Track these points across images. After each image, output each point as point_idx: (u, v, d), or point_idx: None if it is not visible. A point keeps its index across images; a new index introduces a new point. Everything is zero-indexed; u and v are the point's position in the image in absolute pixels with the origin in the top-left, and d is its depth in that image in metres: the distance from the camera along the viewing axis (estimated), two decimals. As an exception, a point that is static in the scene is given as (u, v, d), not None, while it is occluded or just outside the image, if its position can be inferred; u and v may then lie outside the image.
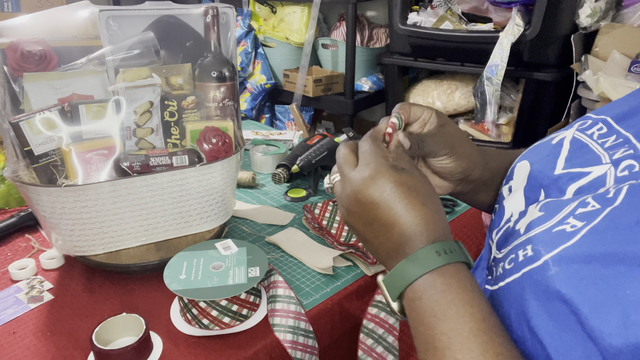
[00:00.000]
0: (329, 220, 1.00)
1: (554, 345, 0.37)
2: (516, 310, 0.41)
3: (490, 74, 1.60)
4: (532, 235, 0.44)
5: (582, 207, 0.42)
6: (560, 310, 0.37)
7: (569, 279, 0.37)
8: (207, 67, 0.88)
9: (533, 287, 0.40)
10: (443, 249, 0.42)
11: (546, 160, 0.52)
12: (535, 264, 0.40)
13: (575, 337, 0.36)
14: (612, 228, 0.38)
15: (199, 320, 0.71)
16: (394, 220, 0.44)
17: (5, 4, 2.26)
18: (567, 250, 0.39)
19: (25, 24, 0.83)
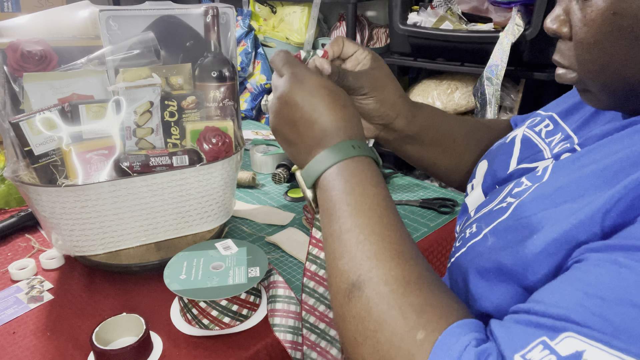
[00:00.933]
0: (329, 220, 1.00)
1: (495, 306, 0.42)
2: (462, 281, 0.46)
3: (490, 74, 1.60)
4: (478, 216, 0.51)
5: (517, 187, 0.48)
6: (491, 272, 0.43)
7: (502, 245, 0.43)
8: (207, 67, 0.88)
9: (476, 258, 0.45)
10: (358, 145, 0.47)
11: (500, 160, 0.58)
12: (477, 237, 0.47)
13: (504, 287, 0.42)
14: (536, 198, 0.44)
15: (199, 320, 0.71)
16: (316, 117, 0.47)
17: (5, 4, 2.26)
18: (501, 223, 0.45)
19: (25, 24, 0.83)
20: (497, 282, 0.42)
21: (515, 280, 0.41)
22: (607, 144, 0.43)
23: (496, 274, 0.42)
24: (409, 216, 1.05)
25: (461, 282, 0.46)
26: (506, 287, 0.42)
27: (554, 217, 0.40)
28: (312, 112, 0.48)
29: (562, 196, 0.41)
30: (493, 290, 0.43)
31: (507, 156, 0.57)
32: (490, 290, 0.43)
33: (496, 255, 0.43)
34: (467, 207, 0.59)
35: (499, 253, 0.42)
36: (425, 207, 1.08)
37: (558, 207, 0.41)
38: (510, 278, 0.41)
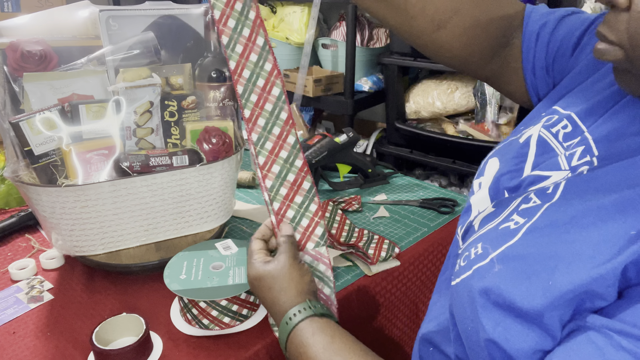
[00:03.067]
0: (328, 220, 1.00)
1: (501, 337, 0.41)
2: (468, 305, 0.44)
3: (490, 74, 1.60)
4: (482, 233, 0.48)
5: (525, 203, 0.45)
6: (500, 301, 0.41)
7: (508, 276, 0.41)
8: (207, 67, 0.88)
9: (481, 283, 0.43)
10: (296, 312, 0.56)
11: (513, 162, 0.53)
12: (484, 261, 0.44)
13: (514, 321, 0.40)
14: (549, 225, 0.41)
15: (199, 320, 0.71)
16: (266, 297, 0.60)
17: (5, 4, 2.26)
18: (510, 249, 0.43)
19: (25, 24, 0.83)
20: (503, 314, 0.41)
21: (522, 317, 0.40)
22: (630, 166, 0.40)
23: (504, 307, 0.41)
24: (409, 216, 1.05)
25: (468, 306, 0.45)
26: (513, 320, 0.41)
27: (569, 257, 0.38)
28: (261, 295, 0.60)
29: (578, 229, 0.39)
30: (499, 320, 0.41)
31: (521, 160, 0.53)
32: (496, 320, 0.42)
33: (505, 287, 0.41)
34: (470, 206, 0.57)
35: (508, 285, 0.41)
36: (425, 207, 1.08)
37: (573, 245, 0.38)
38: (517, 314, 0.40)
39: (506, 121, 1.82)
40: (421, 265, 0.93)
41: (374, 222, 1.03)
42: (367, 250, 0.88)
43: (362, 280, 0.85)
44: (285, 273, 0.59)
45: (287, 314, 0.56)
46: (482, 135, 1.84)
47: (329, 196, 1.15)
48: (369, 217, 1.05)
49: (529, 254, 0.41)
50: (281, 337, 0.56)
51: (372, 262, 0.86)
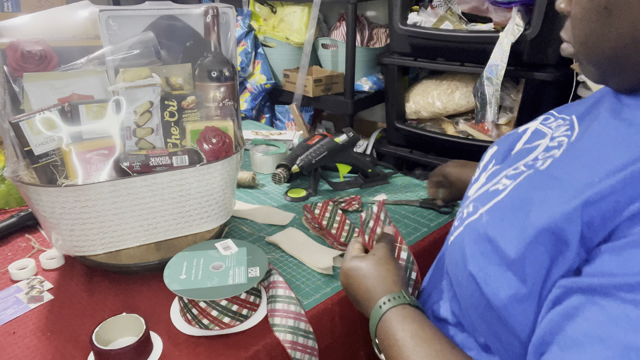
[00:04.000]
0: (329, 220, 1.00)
1: (483, 278, 0.47)
2: (460, 257, 0.51)
3: (490, 74, 1.60)
4: (475, 197, 0.56)
5: (513, 170, 0.53)
6: (486, 249, 0.47)
7: (496, 221, 0.48)
8: (207, 67, 0.88)
9: (471, 235, 0.50)
10: (385, 301, 0.57)
11: (508, 143, 0.62)
12: (474, 216, 0.51)
13: (496, 267, 0.46)
14: (531, 183, 0.48)
15: (199, 320, 0.71)
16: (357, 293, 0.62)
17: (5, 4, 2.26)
18: (497, 204, 0.50)
19: (25, 24, 0.83)
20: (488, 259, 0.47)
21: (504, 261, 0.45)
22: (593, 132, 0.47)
23: (490, 251, 0.47)
24: (410, 216, 1.05)
25: (460, 259, 0.51)
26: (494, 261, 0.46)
27: (541, 200, 0.44)
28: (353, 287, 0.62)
29: (552, 182, 0.46)
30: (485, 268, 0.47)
31: (515, 141, 0.62)
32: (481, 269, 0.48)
33: (492, 233, 0.47)
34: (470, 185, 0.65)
35: (494, 232, 0.47)
36: (425, 207, 1.08)
37: (546, 191, 0.45)
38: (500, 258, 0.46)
39: (506, 121, 1.82)
40: (421, 265, 0.93)
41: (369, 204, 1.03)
42: (367, 250, 0.88)
43: (362, 280, 0.85)
44: (383, 263, 0.62)
45: (380, 300, 0.57)
46: (482, 135, 1.84)
47: (329, 196, 1.15)
48: (369, 217, 1.05)
49: (511, 204, 0.48)
50: (372, 323, 0.57)
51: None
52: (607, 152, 0.43)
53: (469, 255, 0.49)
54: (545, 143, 0.55)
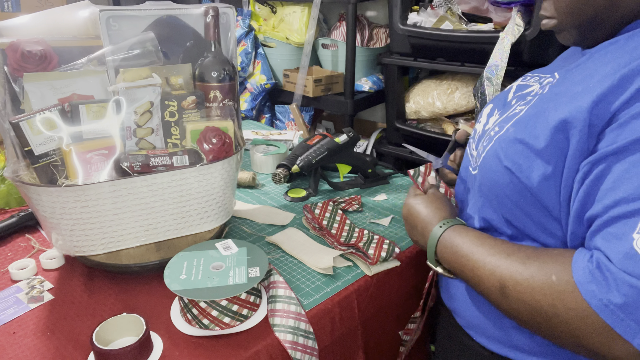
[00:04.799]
0: (329, 220, 1.00)
1: (517, 168, 0.60)
2: (495, 161, 0.64)
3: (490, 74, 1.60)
4: (497, 122, 0.69)
5: (522, 100, 0.68)
6: (518, 148, 0.60)
7: (521, 129, 0.62)
8: (207, 67, 0.88)
9: (502, 143, 0.63)
10: (443, 223, 0.70)
11: (501, 97, 0.77)
12: (501, 132, 0.65)
13: (528, 159, 0.59)
14: (542, 100, 0.62)
15: (199, 320, 0.71)
16: (416, 221, 0.75)
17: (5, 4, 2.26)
18: (519, 119, 0.63)
19: (25, 24, 0.83)
20: (519, 154, 0.60)
21: (532, 151, 0.59)
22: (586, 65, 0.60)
23: (518, 146, 0.61)
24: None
25: (495, 162, 0.64)
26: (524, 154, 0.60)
27: (555, 106, 0.58)
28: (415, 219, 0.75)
29: (560, 97, 0.59)
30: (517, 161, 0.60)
31: (506, 94, 0.76)
32: (515, 162, 0.61)
33: (517, 134, 0.61)
34: (475, 130, 0.78)
35: (518, 133, 0.61)
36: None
37: (558, 100, 0.59)
38: (527, 147, 0.59)
39: (506, 121, 1.82)
40: (421, 265, 0.93)
41: (373, 222, 1.03)
42: (367, 250, 0.88)
43: (362, 280, 0.85)
44: (440, 197, 0.77)
45: (442, 220, 0.70)
46: (482, 135, 1.84)
47: (329, 196, 1.15)
48: (369, 217, 1.05)
49: (531, 115, 0.61)
50: (431, 243, 0.70)
51: (372, 262, 0.86)
52: (596, 67, 0.57)
53: (503, 156, 0.62)
54: (535, 85, 0.69)
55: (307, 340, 0.73)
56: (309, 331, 0.74)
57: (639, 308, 0.47)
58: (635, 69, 0.52)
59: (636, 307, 0.48)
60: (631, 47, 0.56)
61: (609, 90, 0.52)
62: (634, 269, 0.48)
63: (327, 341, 0.78)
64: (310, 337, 0.74)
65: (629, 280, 0.48)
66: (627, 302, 0.48)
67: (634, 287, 0.47)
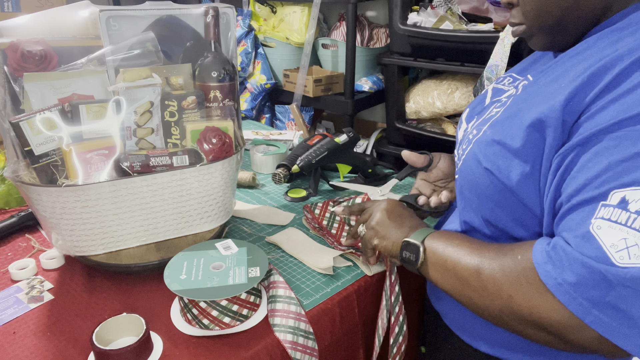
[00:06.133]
0: (329, 220, 1.00)
1: (496, 169, 0.61)
2: (474, 163, 0.65)
3: (490, 74, 1.60)
4: (474, 125, 0.71)
5: (498, 103, 0.69)
6: (496, 149, 0.61)
7: (498, 130, 0.63)
8: (207, 67, 0.88)
9: (480, 146, 0.64)
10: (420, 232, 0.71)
11: (478, 102, 0.78)
12: (479, 134, 0.66)
13: (506, 159, 0.60)
14: (516, 102, 0.64)
15: (199, 320, 0.71)
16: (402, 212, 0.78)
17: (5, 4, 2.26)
18: (495, 121, 0.65)
19: (25, 24, 0.83)
20: (497, 155, 0.61)
21: (509, 151, 0.60)
22: (557, 66, 0.62)
23: (496, 147, 0.62)
24: (409, 216, 1.05)
25: (474, 164, 0.65)
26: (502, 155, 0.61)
27: (529, 105, 0.60)
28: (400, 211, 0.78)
29: (534, 95, 0.61)
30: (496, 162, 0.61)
31: (483, 98, 0.77)
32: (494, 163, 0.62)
33: (495, 136, 0.62)
34: (457, 137, 0.79)
35: (496, 135, 0.62)
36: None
37: (531, 100, 0.61)
38: (505, 147, 0.60)
39: (506, 121, 1.82)
40: (421, 265, 0.93)
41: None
42: (367, 250, 0.88)
43: (362, 280, 0.85)
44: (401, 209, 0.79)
45: (421, 228, 0.72)
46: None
47: (329, 196, 1.15)
48: (369, 217, 1.05)
49: (507, 116, 0.63)
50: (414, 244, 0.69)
51: (372, 263, 0.86)
52: (567, 67, 0.59)
53: (482, 157, 0.63)
54: (511, 89, 0.71)
55: (307, 341, 0.73)
56: (309, 331, 0.74)
57: (591, 287, 0.49)
58: (603, 66, 0.54)
59: (588, 285, 0.49)
60: (600, 47, 0.57)
61: (580, 88, 0.54)
62: (589, 250, 0.50)
63: (327, 341, 0.78)
64: (310, 337, 0.74)
65: (582, 259, 0.50)
66: (579, 281, 0.50)
67: (587, 267, 0.49)
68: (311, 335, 0.74)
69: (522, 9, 0.64)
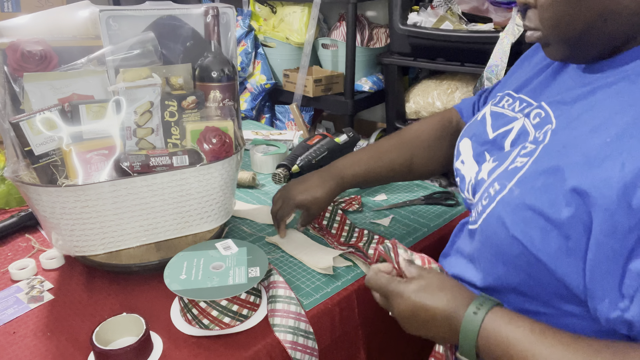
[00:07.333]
0: (329, 220, 1.00)
1: (528, 240, 0.52)
2: (500, 227, 0.55)
3: (490, 74, 1.60)
4: (495, 176, 0.60)
5: (523, 150, 0.59)
6: (528, 216, 0.52)
7: (529, 191, 0.53)
8: (207, 67, 0.88)
9: (507, 207, 0.55)
10: (477, 307, 0.55)
11: (479, 132, 0.70)
12: (504, 192, 0.57)
13: (542, 230, 0.51)
14: (548, 153, 0.54)
15: (199, 320, 0.71)
16: (433, 314, 0.57)
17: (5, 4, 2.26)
18: (523, 176, 0.55)
19: (25, 24, 0.83)
20: (530, 224, 0.52)
21: (545, 218, 0.51)
22: (590, 108, 0.54)
23: (532, 216, 0.52)
24: (410, 216, 1.05)
25: (500, 229, 0.55)
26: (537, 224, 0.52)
27: (571, 166, 0.50)
28: (427, 312, 0.58)
29: (571, 150, 0.52)
30: (528, 232, 0.52)
31: (483, 127, 0.69)
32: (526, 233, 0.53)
33: (530, 201, 0.53)
34: (464, 177, 0.70)
35: (532, 199, 0.53)
36: (430, 203, 1.09)
37: (571, 157, 0.51)
38: (541, 216, 0.51)
39: (506, 121, 1.82)
40: (421, 265, 0.93)
41: (373, 222, 1.03)
42: (367, 250, 0.88)
43: (362, 280, 0.85)
44: (438, 274, 0.61)
45: (470, 308, 0.55)
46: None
47: (329, 196, 1.15)
48: (369, 217, 1.05)
49: (539, 173, 0.53)
50: (468, 336, 0.54)
51: (372, 262, 0.86)
52: (609, 112, 0.51)
53: (510, 223, 0.54)
54: (519, 123, 0.63)
55: (307, 340, 0.73)
56: (309, 331, 0.74)
57: None
58: None
59: None
60: None
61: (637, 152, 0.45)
62: None
63: (327, 341, 0.78)
64: (310, 337, 0.74)
65: None
66: None
67: None
68: (311, 335, 0.74)
69: (539, 14, 0.56)
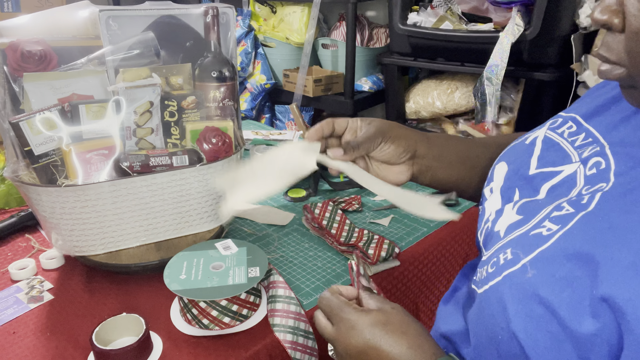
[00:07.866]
0: (329, 220, 1.00)
1: (531, 344, 0.39)
2: (499, 312, 0.42)
3: (490, 74, 1.60)
4: (511, 238, 0.46)
5: (557, 211, 0.44)
6: (538, 313, 0.39)
7: (546, 279, 0.39)
8: (207, 67, 0.88)
9: (513, 290, 0.41)
10: None
11: (520, 161, 0.54)
12: (515, 267, 0.42)
13: (553, 338, 0.38)
14: (585, 231, 0.39)
15: (199, 320, 0.71)
16: (385, 358, 0.48)
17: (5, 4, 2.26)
18: (544, 253, 0.41)
19: (25, 24, 0.83)
20: (539, 324, 0.39)
21: (560, 323, 0.38)
22: None
23: (542, 314, 0.39)
24: (409, 216, 1.05)
25: (499, 315, 0.42)
26: (547, 327, 0.39)
27: (609, 262, 0.36)
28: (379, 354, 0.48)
29: (617, 238, 0.37)
30: (533, 333, 0.40)
31: (527, 157, 0.53)
32: (530, 334, 0.40)
33: (545, 293, 0.39)
34: (484, 211, 0.56)
35: (547, 292, 0.39)
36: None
37: (612, 250, 0.37)
38: (555, 318, 0.38)
39: (506, 121, 1.82)
40: (421, 265, 0.93)
41: (373, 222, 1.03)
42: (367, 250, 0.88)
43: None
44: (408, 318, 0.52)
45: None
46: (482, 135, 1.84)
47: (329, 196, 1.15)
48: (369, 217, 1.05)
49: (566, 259, 0.39)
50: None
51: (372, 262, 0.86)
52: None
53: (513, 314, 0.41)
54: (571, 169, 0.48)
55: (307, 341, 0.73)
56: (309, 331, 0.74)
57: None
58: None
59: None
60: None
61: None
62: None
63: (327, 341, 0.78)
64: (310, 337, 0.74)
65: None
66: None
67: None
68: (311, 335, 0.74)
69: (627, 44, 0.39)
